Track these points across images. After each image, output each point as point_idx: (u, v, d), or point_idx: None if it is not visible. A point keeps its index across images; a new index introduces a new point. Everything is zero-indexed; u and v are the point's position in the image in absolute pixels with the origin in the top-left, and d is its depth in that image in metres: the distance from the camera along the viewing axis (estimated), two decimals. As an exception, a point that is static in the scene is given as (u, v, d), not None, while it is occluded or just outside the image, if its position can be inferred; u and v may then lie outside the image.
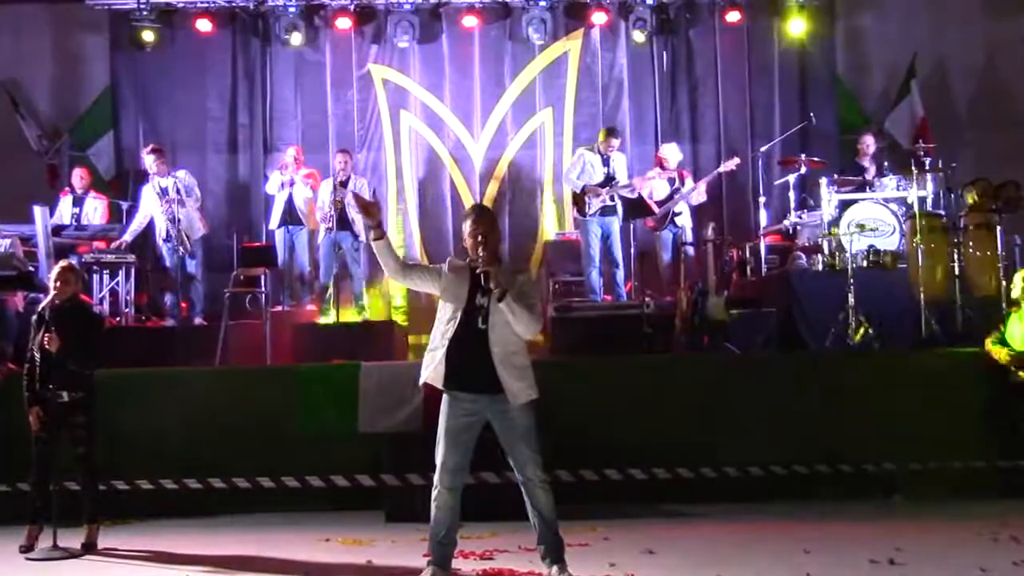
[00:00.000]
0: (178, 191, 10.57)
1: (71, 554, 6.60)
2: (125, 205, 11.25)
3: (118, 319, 10.46)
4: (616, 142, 11.07)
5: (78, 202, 10.97)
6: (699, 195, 11.16)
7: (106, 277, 10.56)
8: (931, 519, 7.13)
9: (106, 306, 10.47)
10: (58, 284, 6.82)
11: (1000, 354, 8.05)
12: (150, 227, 10.93)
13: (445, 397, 5.46)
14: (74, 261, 9.74)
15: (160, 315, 11.03)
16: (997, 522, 6.81)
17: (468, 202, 12.34)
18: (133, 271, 10.65)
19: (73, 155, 12.31)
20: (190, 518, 7.82)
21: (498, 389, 5.33)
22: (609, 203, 10.83)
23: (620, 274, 10.94)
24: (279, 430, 8.20)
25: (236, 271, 10.60)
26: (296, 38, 12.34)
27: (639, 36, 12.42)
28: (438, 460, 5.41)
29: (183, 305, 10.75)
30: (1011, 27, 12.84)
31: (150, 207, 10.81)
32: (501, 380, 5.31)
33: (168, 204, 10.55)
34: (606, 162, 10.93)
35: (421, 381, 5.54)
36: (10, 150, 12.33)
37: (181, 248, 10.51)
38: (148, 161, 10.83)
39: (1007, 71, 12.79)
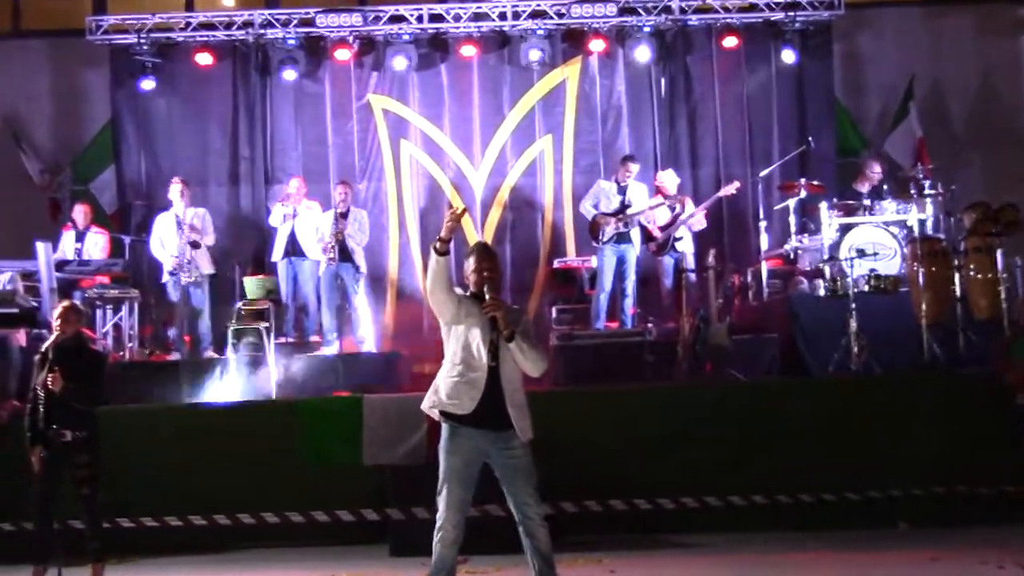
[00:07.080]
0: (193, 228, 10.63)
1: (76, 594, 6.61)
2: (127, 239, 11.30)
3: (122, 354, 10.48)
4: (634, 167, 11.06)
5: (80, 237, 10.97)
6: (699, 221, 11.06)
7: (109, 312, 10.62)
8: (936, 546, 7.10)
9: (110, 341, 10.51)
10: (60, 323, 6.84)
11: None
12: (157, 261, 10.96)
13: (447, 433, 5.38)
14: (77, 296, 9.86)
15: (165, 349, 11.04)
16: (1004, 549, 6.79)
17: (469, 230, 12.34)
18: (136, 305, 10.71)
19: (75, 189, 12.37)
20: (196, 555, 7.82)
21: (506, 425, 5.31)
22: (623, 230, 10.84)
23: (628, 302, 10.86)
24: (283, 464, 8.20)
25: (239, 304, 10.62)
26: (295, 70, 12.38)
27: (637, 62, 12.45)
28: (443, 498, 5.31)
29: (187, 339, 10.74)
30: (1007, 47, 12.92)
31: (166, 236, 10.79)
32: (511, 416, 5.30)
33: (182, 237, 10.59)
34: (622, 191, 10.92)
35: (438, 408, 5.36)
36: (12, 185, 12.47)
37: (191, 276, 10.50)
38: (175, 191, 10.83)
39: (1004, 91, 12.85)
